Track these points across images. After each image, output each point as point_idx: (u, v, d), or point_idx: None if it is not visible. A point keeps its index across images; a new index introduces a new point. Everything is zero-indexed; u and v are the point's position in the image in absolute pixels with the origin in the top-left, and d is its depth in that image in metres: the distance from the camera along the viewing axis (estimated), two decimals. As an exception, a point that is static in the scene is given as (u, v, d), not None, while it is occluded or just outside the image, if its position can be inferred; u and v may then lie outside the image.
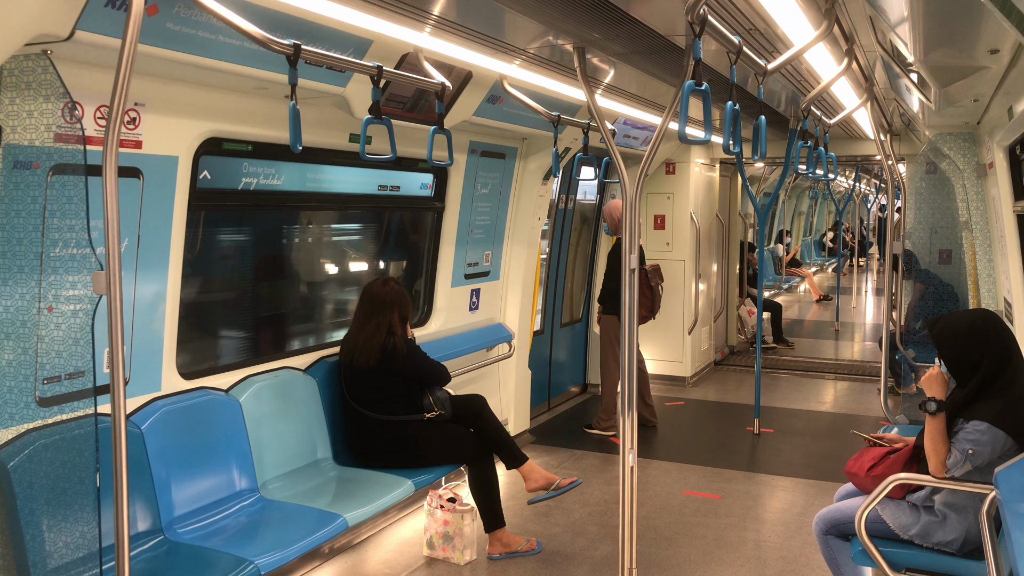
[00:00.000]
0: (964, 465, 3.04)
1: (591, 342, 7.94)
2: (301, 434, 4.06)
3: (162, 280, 3.38)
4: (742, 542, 4.54)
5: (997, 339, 3.14)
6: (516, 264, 6.04)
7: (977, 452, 3.01)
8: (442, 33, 3.40)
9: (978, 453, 3.01)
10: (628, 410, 3.43)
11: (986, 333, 3.16)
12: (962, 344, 3.17)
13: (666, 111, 3.29)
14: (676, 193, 8.20)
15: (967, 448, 3.02)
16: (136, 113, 3.10)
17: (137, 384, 3.33)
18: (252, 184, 3.97)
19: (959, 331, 3.20)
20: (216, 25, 2.77)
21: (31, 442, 2.77)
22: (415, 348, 4.29)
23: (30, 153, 2.65)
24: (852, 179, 16.14)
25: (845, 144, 8.84)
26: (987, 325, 3.19)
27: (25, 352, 2.73)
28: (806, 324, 13.01)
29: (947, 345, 3.22)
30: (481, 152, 5.43)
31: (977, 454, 3.01)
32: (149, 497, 3.24)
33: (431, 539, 4.30)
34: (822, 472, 5.65)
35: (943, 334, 3.24)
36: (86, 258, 2.79)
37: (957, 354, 3.19)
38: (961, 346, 3.18)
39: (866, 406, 7.62)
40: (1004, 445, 3.01)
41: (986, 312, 3.31)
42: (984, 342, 3.13)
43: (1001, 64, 3.21)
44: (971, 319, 3.25)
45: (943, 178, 7.49)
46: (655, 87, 4.98)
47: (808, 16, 3.18)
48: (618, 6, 3.06)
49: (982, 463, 3.03)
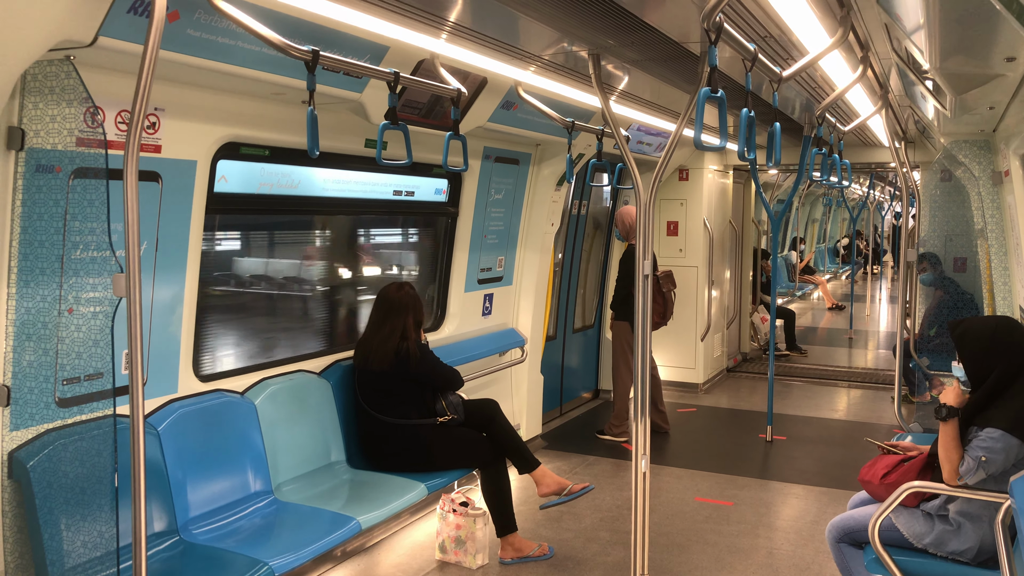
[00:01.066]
0: (977, 472, 3.02)
1: (603, 348, 7.94)
2: (315, 437, 4.09)
3: (179, 283, 3.41)
4: (754, 549, 4.53)
5: (1017, 346, 3.13)
6: (529, 269, 6.06)
7: (991, 459, 3.00)
8: (458, 40, 3.42)
9: (992, 460, 3.00)
10: (641, 416, 3.43)
11: (1008, 340, 3.14)
12: (983, 349, 3.16)
13: (681, 117, 3.30)
14: (689, 199, 8.19)
15: (980, 455, 3.00)
16: (156, 118, 3.14)
17: (154, 386, 3.36)
18: (269, 188, 4.01)
19: (982, 336, 3.19)
20: (236, 31, 2.80)
21: (50, 442, 2.80)
22: (428, 352, 4.31)
23: (52, 157, 2.69)
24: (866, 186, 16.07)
25: (859, 151, 8.82)
26: (1011, 332, 3.18)
27: (46, 353, 2.77)
28: (819, 332, 12.96)
29: (968, 349, 3.21)
30: (495, 158, 5.45)
31: (991, 461, 3.00)
32: (165, 498, 3.27)
33: (443, 543, 4.31)
34: (835, 480, 5.63)
35: (965, 337, 3.23)
36: (106, 261, 2.82)
37: (978, 358, 3.18)
38: (982, 351, 3.16)
39: (880, 414, 7.59)
40: (1018, 453, 3.00)
41: (1010, 319, 3.30)
42: (1005, 348, 3.12)
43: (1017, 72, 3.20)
44: (994, 324, 3.24)
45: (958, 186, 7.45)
46: (669, 94, 4.99)
47: (823, 23, 3.19)
48: (633, 13, 3.07)
49: (996, 471, 3.01)
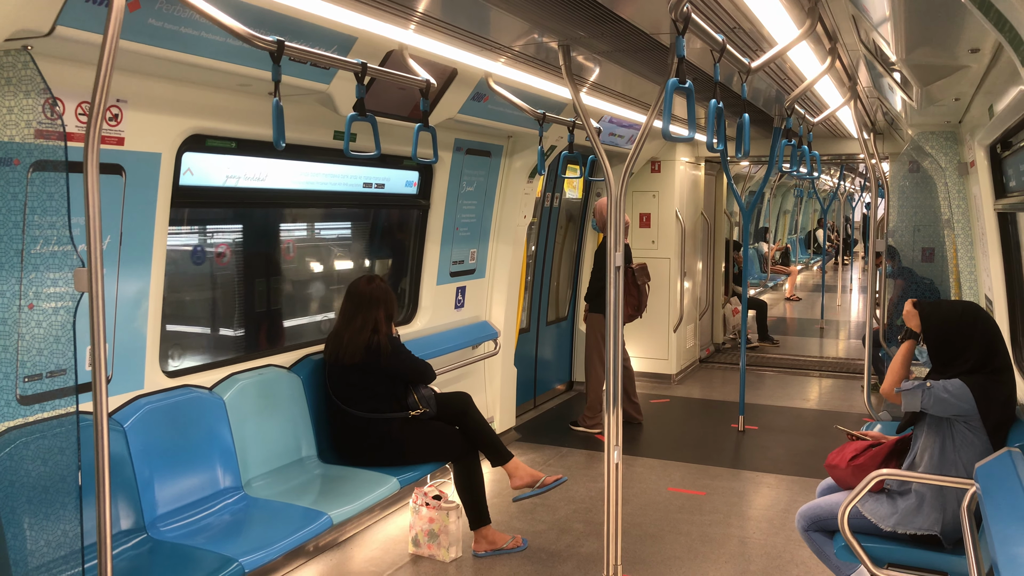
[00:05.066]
0: (914, 393, 3.05)
1: (577, 340, 7.96)
2: (285, 432, 4.05)
3: (145, 277, 3.36)
4: (727, 538, 4.57)
5: (983, 331, 3.17)
6: (502, 262, 6.05)
7: (935, 394, 3.03)
8: (427, 30, 3.40)
9: (936, 396, 3.03)
10: (613, 407, 3.44)
11: (972, 325, 3.19)
12: (948, 331, 3.21)
13: (651, 109, 3.30)
14: (661, 191, 8.22)
15: (928, 383, 3.03)
16: (118, 109, 3.08)
17: (120, 382, 3.31)
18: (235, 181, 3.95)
19: (948, 319, 3.24)
20: (199, 21, 2.75)
21: (12, 440, 2.75)
22: (400, 346, 4.28)
23: (10, 149, 2.63)
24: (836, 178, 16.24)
25: (829, 143, 8.90)
26: (974, 317, 3.22)
27: (5, 350, 2.71)
28: (791, 322, 13.08)
29: (932, 329, 3.26)
30: (466, 150, 5.43)
31: (935, 396, 3.03)
32: (132, 495, 3.22)
33: (416, 537, 4.30)
34: (806, 469, 5.68)
35: (930, 318, 3.28)
36: (67, 255, 2.77)
37: (940, 340, 3.23)
38: (945, 333, 3.21)
39: (850, 403, 7.68)
40: (960, 409, 3.03)
41: (975, 305, 3.34)
42: (969, 334, 3.16)
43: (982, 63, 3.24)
44: (961, 309, 3.28)
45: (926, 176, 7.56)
46: (640, 85, 5.00)
47: (791, 15, 3.20)
48: (603, 4, 3.06)
49: (932, 409, 3.04)
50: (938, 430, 3.16)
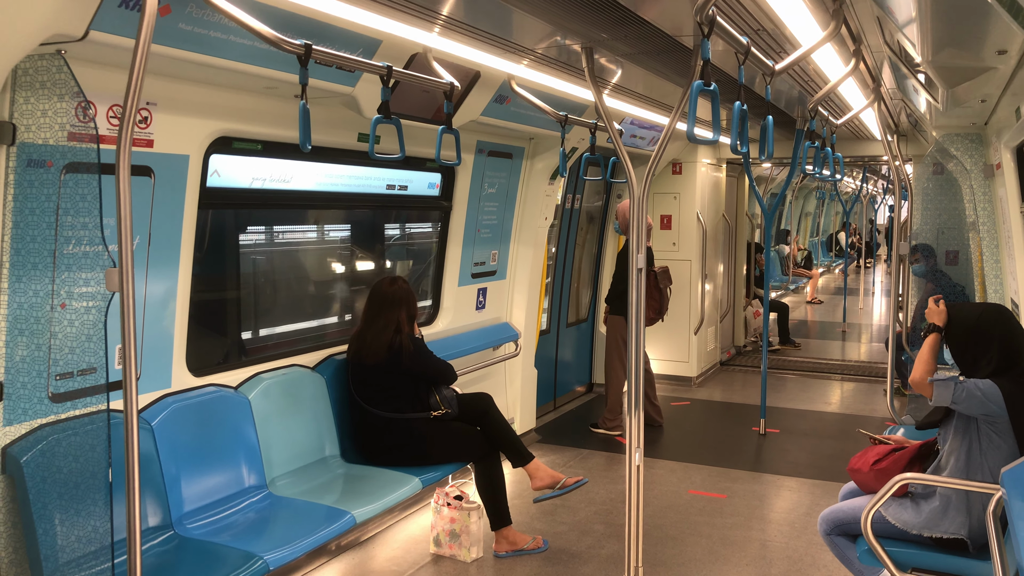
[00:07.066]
0: (946, 386, 3.03)
1: (597, 342, 7.95)
2: (309, 431, 4.09)
3: (172, 277, 3.40)
4: (747, 541, 4.55)
5: (1004, 332, 3.14)
6: (523, 263, 6.06)
7: (968, 389, 3.00)
8: (451, 33, 3.42)
9: (968, 391, 3.00)
10: (635, 409, 3.44)
11: (994, 327, 3.15)
12: (969, 334, 3.18)
13: (674, 111, 3.30)
14: (683, 193, 8.20)
15: (960, 377, 3.01)
16: (148, 112, 3.13)
17: (148, 381, 3.36)
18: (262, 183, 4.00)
19: (968, 322, 3.21)
20: (228, 25, 2.79)
21: (44, 437, 2.80)
22: (422, 346, 4.31)
23: (44, 152, 2.68)
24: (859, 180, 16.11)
25: (852, 145, 8.84)
26: (998, 319, 3.19)
27: (39, 348, 2.76)
28: (813, 325, 12.99)
29: (954, 333, 3.24)
30: (488, 152, 5.45)
31: (967, 390, 3.00)
32: (159, 493, 3.27)
33: (438, 536, 4.32)
34: (828, 472, 5.65)
35: (952, 321, 3.25)
36: (99, 255, 2.81)
37: (962, 343, 3.20)
38: (967, 336, 3.19)
39: (872, 407, 7.62)
40: (992, 410, 3.01)
41: (999, 306, 3.31)
42: (990, 336, 3.13)
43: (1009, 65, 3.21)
44: (981, 311, 3.26)
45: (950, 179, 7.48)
46: (662, 87, 4.99)
47: (816, 17, 3.19)
48: (626, 7, 3.07)
49: (962, 406, 3.02)
50: (965, 433, 3.13)
